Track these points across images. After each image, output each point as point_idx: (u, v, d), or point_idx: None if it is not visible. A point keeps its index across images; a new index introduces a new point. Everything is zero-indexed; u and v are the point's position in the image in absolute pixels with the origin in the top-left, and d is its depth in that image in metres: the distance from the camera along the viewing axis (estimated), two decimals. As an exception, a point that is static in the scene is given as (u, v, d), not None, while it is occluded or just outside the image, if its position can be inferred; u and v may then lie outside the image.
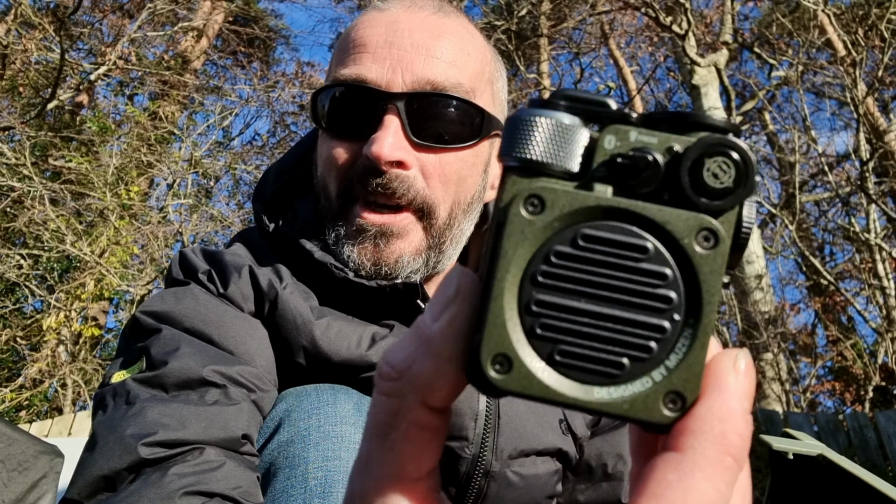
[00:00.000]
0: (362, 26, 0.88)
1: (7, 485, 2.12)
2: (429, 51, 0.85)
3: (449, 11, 0.92)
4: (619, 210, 0.29)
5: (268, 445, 0.77)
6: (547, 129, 0.30)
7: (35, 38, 8.69)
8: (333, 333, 0.85)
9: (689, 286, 0.29)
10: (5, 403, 6.42)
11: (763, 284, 9.12)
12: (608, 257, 0.29)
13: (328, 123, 0.88)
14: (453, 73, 0.86)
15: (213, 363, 0.78)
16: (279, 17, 14.92)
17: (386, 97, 0.83)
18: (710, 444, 0.27)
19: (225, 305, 0.86)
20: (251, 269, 0.88)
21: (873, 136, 8.87)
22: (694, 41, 9.83)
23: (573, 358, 0.29)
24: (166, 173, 8.50)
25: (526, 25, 11.63)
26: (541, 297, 0.29)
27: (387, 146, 0.82)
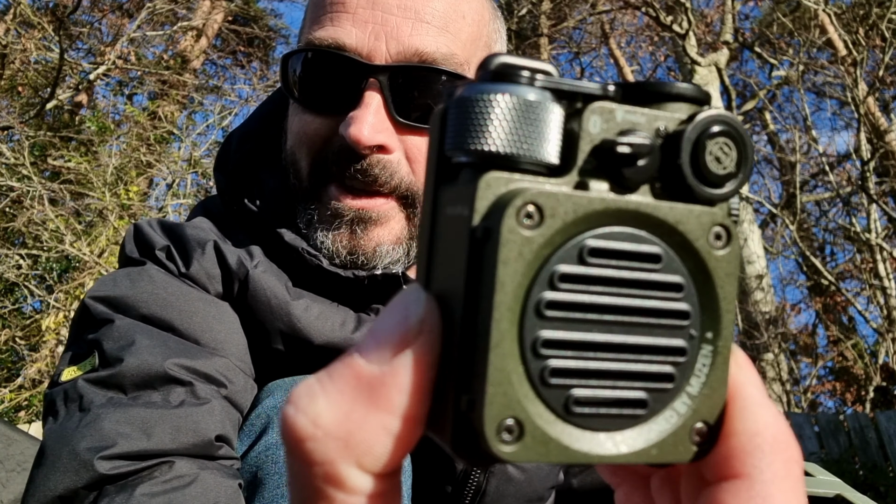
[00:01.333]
0: None
1: (6, 485, 2.11)
2: (418, 14, 0.74)
3: None
4: (628, 212, 0.24)
5: (254, 448, 0.70)
6: (511, 109, 0.23)
7: (34, 37, 8.67)
8: (314, 315, 0.76)
9: (703, 295, 0.25)
10: (4, 404, 6.40)
11: (763, 284, 9.11)
12: (620, 272, 0.24)
13: (300, 93, 0.77)
14: (445, 42, 0.75)
15: (176, 356, 0.69)
16: (279, 17, 14.92)
17: (367, 70, 0.72)
18: (772, 457, 0.23)
19: (187, 287, 0.76)
20: (217, 244, 0.79)
21: (874, 136, 8.86)
22: (694, 41, 9.82)
23: (590, 405, 0.24)
24: (166, 173, 8.48)
25: (526, 25, 11.62)
26: (548, 334, 0.23)
27: (367, 128, 0.72)
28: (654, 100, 0.25)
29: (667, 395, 0.24)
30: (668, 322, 0.24)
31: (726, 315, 0.25)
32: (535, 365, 0.23)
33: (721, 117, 0.25)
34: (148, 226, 0.82)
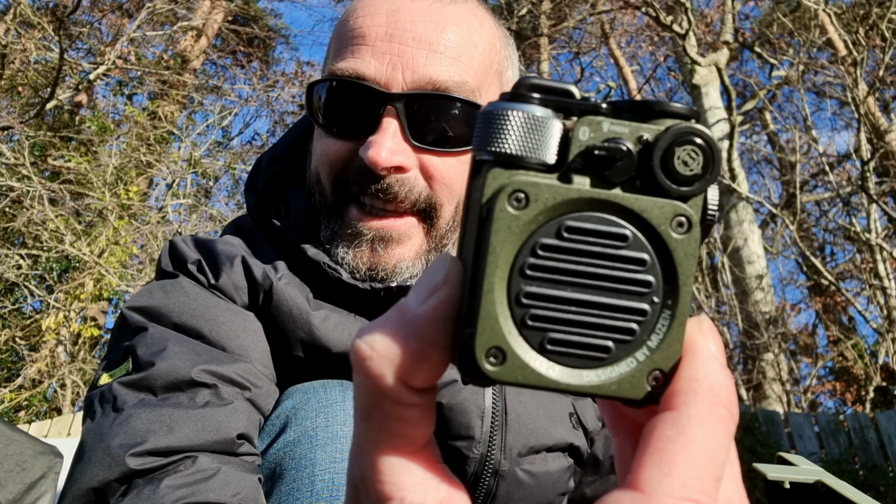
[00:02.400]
0: (362, 13, 0.82)
1: (5, 485, 2.11)
2: (432, 45, 0.79)
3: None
4: (600, 201, 0.30)
5: (273, 445, 0.74)
6: (521, 122, 0.31)
7: (34, 37, 8.67)
8: (332, 324, 0.82)
9: (665, 270, 0.31)
10: (4, 404, 6.41)
11: (764, 284, 9.11)
12: (591, 247, 0.30)
13: (324, 119, 0.84)
14: (457, 71, 0.81)
15: (203, 362, 0.74)
16: (279, 17, 14.93)
17: (384, 98, 0.78)
18: (701, 398, 0.29)
19: (216, 298, 0.82)
20: (244, 258, 0.85)
21: (874, 136, 8.86)
22: (694, 40, 9.82)
23: (563, 345, 0.30)
24: (165, 173, 8.49)
25: (526, 25, 11.62)
26: (529, 288, 0.30)
27: (384, 151, 0.77)
28: (648, 115, 0.32)
29: (629, 345, 0.31)
30: (633, 289, 0.30)
31: (684, 287, 0.31)
32: (518, 311, 0.30)
33: (690, 129, 0.31)
34: (182, 242, 0.89)
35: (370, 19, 0.80)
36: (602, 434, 1.00)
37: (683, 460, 0.27)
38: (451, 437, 0.84)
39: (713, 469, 0.27)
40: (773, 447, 5.53)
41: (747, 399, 8.29)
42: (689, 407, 0.28)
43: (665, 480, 0.27)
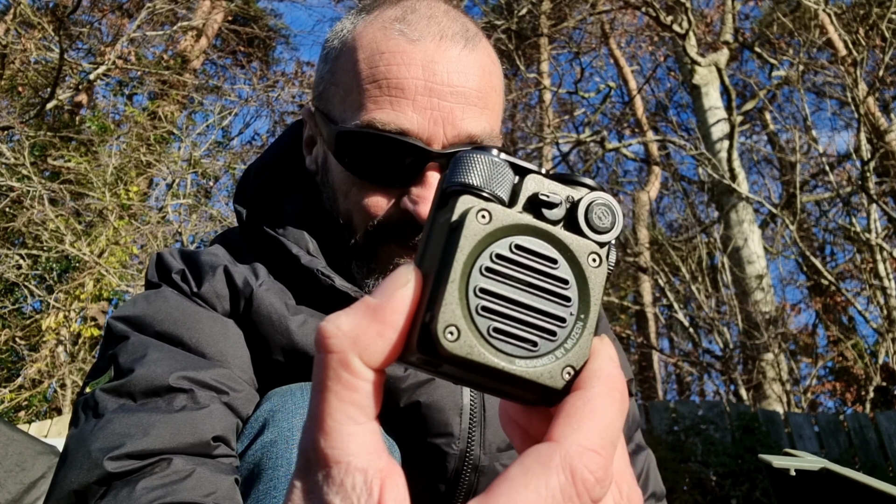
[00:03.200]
0: (395, 62, 0.83)
1: (4, 485, 2.11)
2: (466, 98, 0.84)
3: (473, 36, 0.88)
4: (541, 230, 0.40)
5: (252, 446, 0.76)
6: (485, 163, 0.41)
7: (34, 37, 8.68)
8: (310, 328, 0.85)
9: (581, 291, 0.40)
10: (4, 404, 6.41)
11: (764, 284, 9.11)
12: (531, 262, 0.39)
13: (361, 167, 0.86)
14: (487, 119, 0.87)
15: (181, 368, 0.77)
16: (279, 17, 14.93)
17: (429, 154, 0.82)
18: (602, 382, 0.37)
19: (196, 306, 0.85)
20: (227, 268, 0.88)
21: (874, 136, 8.86)
22: (694, 41, 9.82)
23: (502, 335, 0.38)
24: (165, 173, 8.49)
25: (526, 25, 11.62)
26: (483, 285, 0.38)
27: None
28: (573, 184, 0.43)
29: (551, 344, 0.39)
30: (558, 300, 0.39)
31: (594, 307, 0.40)
32: (473, 301, 0.37)
33: (606, 197, 0.42)
34: (168, 254, 0.93)
35: (406, 69, 0.82)
36: None
37: (588, 422, 0.35)
38: (431, 434, 0.86)
39: (610, 434, 0.35)
40: (773, 447, 5.53)
41: (747, 399, 8.29)
42: (593, 387, 0.37)
43: (574, 434, 0.35)
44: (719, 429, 5.79)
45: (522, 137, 12.20)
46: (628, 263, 10.98)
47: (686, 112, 13.25)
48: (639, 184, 13.54)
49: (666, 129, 13.02)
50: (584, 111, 12.34)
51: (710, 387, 11.55)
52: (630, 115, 12.58)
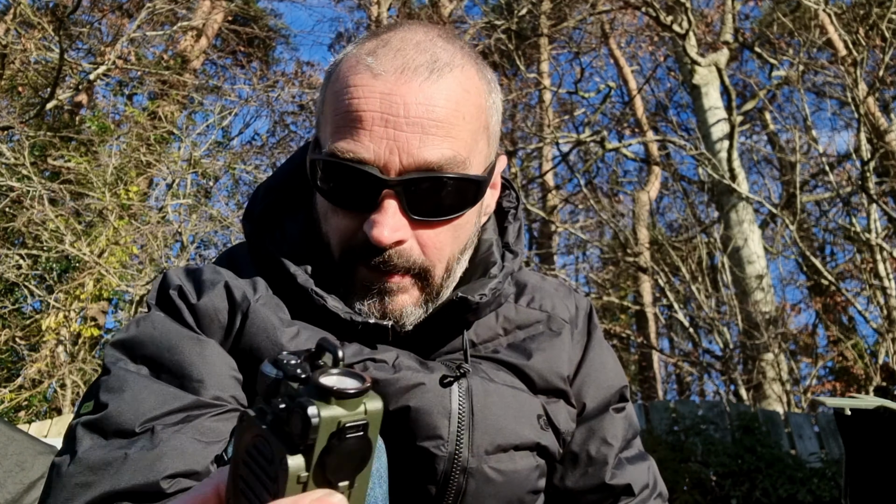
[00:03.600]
0: (356, 95, 0.88)
1: (4, 485, 2.11)
2: (423, 128, 0.86)
3: (444, 66, 0.89)
4: (268, 437, 0.47)
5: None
6: (260, 380, 0.49)
7: (34, 37, 8.68)
8: (302, 339, 0.90)
9: (274, 477, 0.48)
10: (4, 404, 6.41)
11: (764, 284, 9.12)
12: (259, 456, 0.48)
13: (327, 193, 0.92)
14: (448, 146, 0.88)
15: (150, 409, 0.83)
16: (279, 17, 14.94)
17: (383, 182, 0.86)
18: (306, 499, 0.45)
19: (180, 328, 0.90)
20: (227, 283, 0.94)
21: (874, 136, 8.87)
22: (694, 41, 9.83)
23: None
24: (165, 173, 8.49)
25: (526, 25, 11.62)
26: (241, 470, 0.49)
27: (386, 230, 0.87)
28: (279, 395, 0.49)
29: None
30: (269, 479, 0.48)
31: (289, 482, 0.48)
32: (239, 482, 0.50)
33: (298, 408, 0.46)
34: (173, 272, 0.98)
35: (366, 102, 0.87)
36: (581, 429, 1.05)
37: None
38: (420, 437, 0.89)
39: None
40: (772, 447, 5.53)
41: (747, 399, 8.29)
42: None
43: None
44: (719, 429, 5.79)
45: (522, 137, 12.20)
46: (628, 263, 10.98)
47: (686, 112, 13.27)
48: (639, 184, 13.55)
49: (666, 129, 13.04)
50: (584, 111, 12.35)
51: (710, 387, 11.56)
52: (630, 115, 12.59)
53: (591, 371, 1.06)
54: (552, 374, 1.00)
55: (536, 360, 0.99)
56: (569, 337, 1.05)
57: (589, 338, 1.09)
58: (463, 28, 11.73)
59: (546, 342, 1.02)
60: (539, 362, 0.99)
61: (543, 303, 1.06)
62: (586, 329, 1.10)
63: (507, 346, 1.01)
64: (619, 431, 1.06)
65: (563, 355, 1.02)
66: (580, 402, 1.05)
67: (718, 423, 5.85)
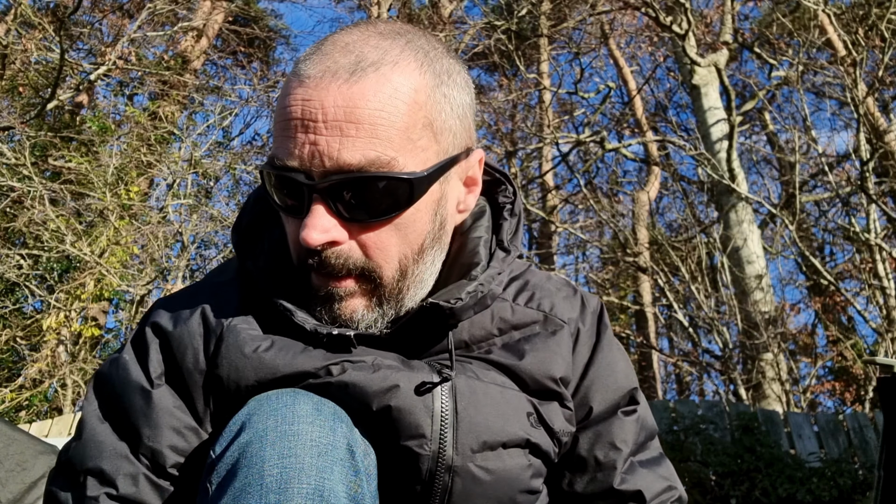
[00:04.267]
0: (285, 103, 0.88)
1: (6, 484, 2.12)
2: (342, 131, 0.85)
3: (368, 65, 0.87)
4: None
5: (230, 447, 0.81)
6: None
7: (35, 38, 8.69)
8: (276, 348, 0.91)
9: None
10: (5, 403, 6.42)
11: (763, 284, 9.12)
12: None
13: (275, 201, 0.93)
14: (371, 149, 0.85)
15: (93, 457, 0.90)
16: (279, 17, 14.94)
17: (308, 187, 0.87)
18: None
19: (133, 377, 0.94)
20: (202, 310, 0.96)
21: (873, 136, 8.87)
22: (694, 41, 9.83)
23: None
24: (166, 173, 8.50)
25: (526, 25, 11.63)
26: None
27: (314, 232, 0.86)
28: None
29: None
30: None
31: None
32: None
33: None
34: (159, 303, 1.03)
35: (291, 110, 0.87)
36: (589, 433, 1.03)
37: None
38: (404, 437, 0.88)
39: None
40: (772, 447, 5.54)
41: (747, 399, 8.30)
42: None
43: None
44: (719, 428, 5.79)
45: (522, 138, 12.21)
46: (628, 263, 10.99)
47: (685, 112, 13.27)
48: (638, 184, 13.56)
49: (665, 129, 13.04)
50: (583, 111, 12.35)
51: (710, 386, 11.56)
52: (630, 115, 12.60)
53: (598, 373, 1.04)
54: (544, 375, 0.97)
55: (528, 360, 0.97)
56: (567, 338, 1.02)
57: (598, 338, 1.06)
58: (463, 28, 11.75)
59: (541, 343, 0.99)
60: (531, 363, 0.97)
61: (542, 302, 1.03)
62: (595, 329, 1.07)
63: (502, 346, 0.99)
64: (629, 435, 1.04)
65: (557, 357, 0.99)
66: (587, 405, 1.03)
67: (718, 422, 5.86)
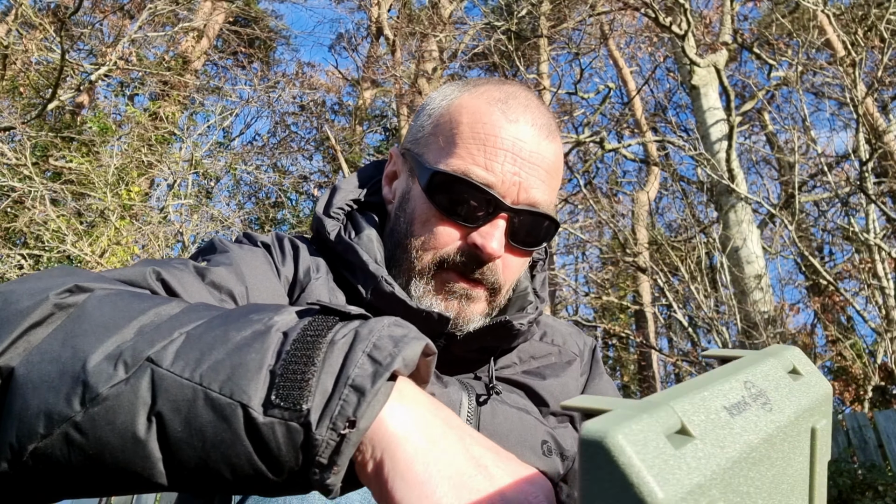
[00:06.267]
0: (493, 132, 1.04)
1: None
2: (539, 175, 1.04)
3: (554, 131, 1.09)
4: None
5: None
6: None
7: (36, 38, 8.70)
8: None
9: None
10: (6, 403, 6.42)
11: (762, 284, 9.14)
12: None
13: (444, 203, 1.03)
14: (549, 192, 1.07)
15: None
16: (279, 18, 14.96)
17: (504, 206, 1.01)
18: None
19: (260, 263, 0.98)
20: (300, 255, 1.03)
21: (872, 137, 8.89)
22: (693, 41, 9.85)
23: None
24: (167, 173, 8.51)
25: (526, 26, 11.65)
26: None
27: (495, 242, 1.01)
28: None
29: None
30: None
31: None
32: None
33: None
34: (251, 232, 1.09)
35: (501, 140, 1.03)
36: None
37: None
38: None
39: None
40: (771, 446, 5.55)
41: (746, 398, 8.30)
42: None
43: None
44: (718, 428, 5.80)
45: (522, 138, 12.19)
46: (627, 263, 11.00)
47: (685, 113, 13.29)
48: (638, 184, 13.57)
49: (665, 129, 13.05)
50: (583, 112, 12.37)
51: (710, 386, 11.55)
52: (629, 115, 12.61)
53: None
54: (564, 397, 1.08)
55: (550, 382, 1.09)
56: (577, 369, 1.17)
57: (591, 371, 1.21)
58: (463, 29, 11.76)
59: (560, 370, 1.13)
60: (552, 385, 1.09)
61: (555, 338, 1.18)
62: (590, 364, 1.22)
63: (523, 371, 1.11)
64: None
65: (572, 382, 1.13)
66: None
67: (717, 422, 5.87)
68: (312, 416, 0.50)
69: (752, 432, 0.44)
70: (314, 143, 12.39)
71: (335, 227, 1.09)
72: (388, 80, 12.29)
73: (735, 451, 0.42)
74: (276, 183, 10.37)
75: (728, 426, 0.44)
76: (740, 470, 0.42)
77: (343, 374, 0.51)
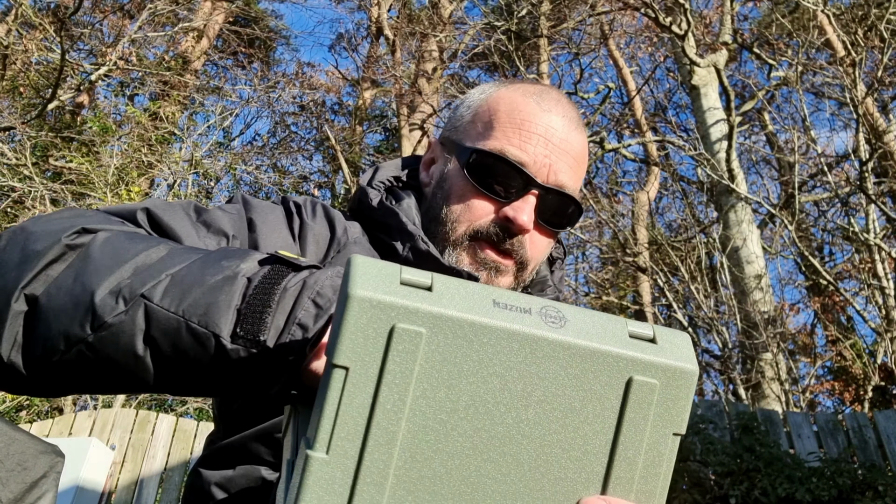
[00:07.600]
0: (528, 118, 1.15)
1: (7, 484, 2.13)
2: (567, 160, 1.15)
3: (581, 125, 1.21)
4: None
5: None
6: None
7: (36, 38, 8.71)
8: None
9: None
10: (6, 403, 6.44)
11: (762, 284, 9.13)
12: None
13: (481, 178, 1.12)
14: (575, 182, 1.17)
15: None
16: (279, 18, 14.95)
17: (536, 184, 1.11)
18: None
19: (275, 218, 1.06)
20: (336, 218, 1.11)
21: (872, 137, 8.88)
22: (693, 41, 9.84)
23: None
24: (167, 174, 8.52)
25: (526, 26, 11.65)
26: None
27: (525, 216, 1.10)
28: None
29: None
30: None
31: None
32: None
33: None
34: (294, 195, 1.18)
35: (535, 126, 1.14)
36: None
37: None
38: None
39: None
40: (771, 446, 5.55)
41: (746, 398, 8.31)
42: None
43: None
44: (718, 428, 5.80)
45: (522, 138, 12.19)
46: (627, 263, 11.00)
47: (685, 113, 13.28)
48: (638, 184, 13.57)
49: (665, 129, 13.05)
50: (583, 112, 12.36)
51: (709, 386, 11.58)
52: (629, 115, 12.61)
53: None
54: None
55: None
56: None
57: None
58: (463, 29, 11.76)
59: None
60: None
61: None
62: None
63: None
64: None
65: None
66: None
67: (717, 422, 5.87)
68: (269, 345, 0.65)
69: (505, 321, 0.50)
70: (314, 144, 12.41)
71: (377, 195, 1.18)
72: (388, 80, 12.29)
73: (471, 317, 0.48)
74: (275, 183, 10.38)
75: (483, 307, 0.50)
76: (466, 337, 0.48)
77: (292, 315, 0.66)
